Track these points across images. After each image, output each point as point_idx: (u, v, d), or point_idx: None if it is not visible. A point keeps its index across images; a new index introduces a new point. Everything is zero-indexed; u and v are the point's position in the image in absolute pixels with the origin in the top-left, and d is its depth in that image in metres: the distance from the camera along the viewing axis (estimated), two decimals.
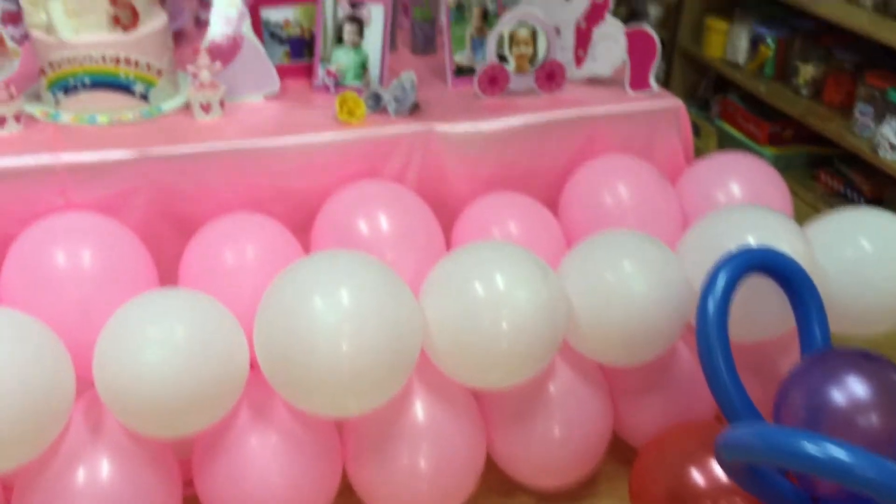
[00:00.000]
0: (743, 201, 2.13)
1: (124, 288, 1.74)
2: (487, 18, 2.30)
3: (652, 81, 2.26)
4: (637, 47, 2.25)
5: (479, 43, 2.30)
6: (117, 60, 1.97)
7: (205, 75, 2.01)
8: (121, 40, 1.96)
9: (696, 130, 2.37)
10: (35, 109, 2.01)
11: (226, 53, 2.09)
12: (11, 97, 1.92)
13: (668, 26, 3.68)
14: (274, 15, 2.21)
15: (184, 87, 2.11)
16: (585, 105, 2.22)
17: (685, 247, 2.00)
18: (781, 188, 2.20)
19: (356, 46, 2.17)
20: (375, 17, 2.14)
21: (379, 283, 1.68)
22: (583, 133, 2.19)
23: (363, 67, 2.18)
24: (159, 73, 2.04)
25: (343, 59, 2.18)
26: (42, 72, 1.99)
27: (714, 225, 1.99)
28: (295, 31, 2.25)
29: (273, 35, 2.23)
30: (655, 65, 2.24)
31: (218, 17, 2.07)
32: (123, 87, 2.00)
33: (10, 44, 1.95)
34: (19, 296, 1.73)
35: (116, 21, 1.96)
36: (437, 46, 2.51)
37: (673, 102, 2.27)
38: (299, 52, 2.26)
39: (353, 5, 2.14)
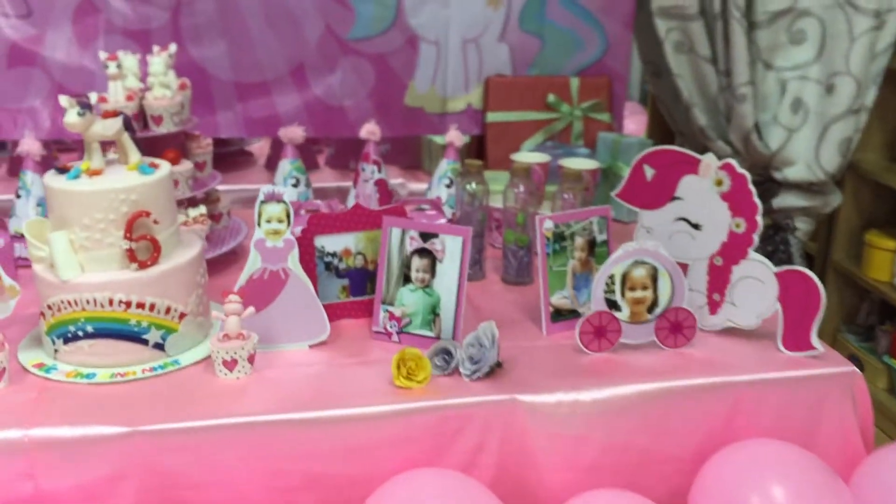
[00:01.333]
0: None
1: None
2: (594, 250, 1.84)
3: (815, 340, 1.71)
4: (793, 293, 1.72)
5: (583, 281, 1.83)
6: (128, 304, 1.59)
7: (232, 323, 1.60)
8: (134, 279, 1.60)
9: (860, 366, 1.85)
10: (29, 360, 1.64)
11: (265, 292, 1.70)
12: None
13: (819, 239, 3.13)
14: (331, 243, 1.82)
15: (217, 328, 1.72)
16: (723, 367, 1.68)
17: None
18: None
19: (426, 286, 1.73)
20: (451, 251, 1.71)
21: None
22: (720, 407, 1.65)
23: (434, 313, 1.73)
24: (181, 316, 1.66)
25: (409, 300, 1.74)
26: (42, 314, 1.64)
27: None
28: (357, 262, 1.84)
29: (329, 266, 1.83)
30: (819, 319, 1.70)
31: (259, 249, 1.69)
32: (133, 337, 1.62)
33: (6, 281, 1.62)
34: None
35: (131, 257, 1.60)
36: (533, 275, 2.05)
37: (844, 367, 1.71)
38: (361, 287, 1.85)
39: (424, 236, 1.73)
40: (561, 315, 1.82)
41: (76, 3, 2.37)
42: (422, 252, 1.73)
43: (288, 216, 1.71)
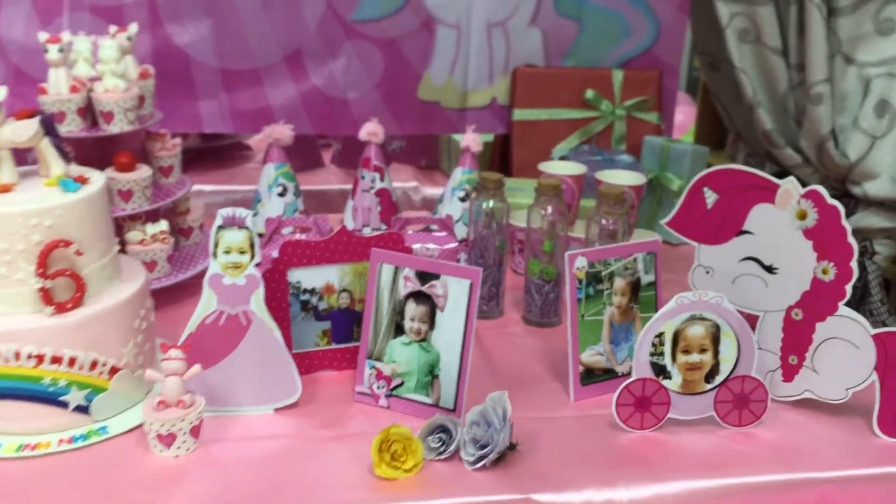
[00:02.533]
0: None
1: None
2: (638, 295, 1.47)
3: None
4: (893, 358, 1.34)
5: (623, 333, 1.45)
6: (39, 358, 1.25)
7: (171, 387, 1.26)
8: (49, 327, 1.25)
9: None
10: None
11: (221, 342, 1.35)
12: None
13: None
14: (310, 277, 1.46)
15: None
16: (800, 456, 1.31)
17: None
18: None
19: (422, 339, 1.37)
20: (455, 298, 1.34)
21: None
22: None
23: (431, 373, 1.36)
24: (113, 371, 1.31)
25: (402, 355, 1.38)
26: None
27: None
28: (341, 302, 1.48)
29: (306, 306, 1.47)
30: None
31: (214, 287, 1.34)
32: (48, 399, 1.27)
33: None
34: None
35: (46, 298, 1.25)
36: (561, 315, 1.68)
37: None
38: (345, 332, 1.49)
39: (422, 276, 1.36)
40: (594, 376, 1.45)
41: None
42: (418, 297, 1.37)
43: (252, 246, 1.36)
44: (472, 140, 1.91)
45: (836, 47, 2.15)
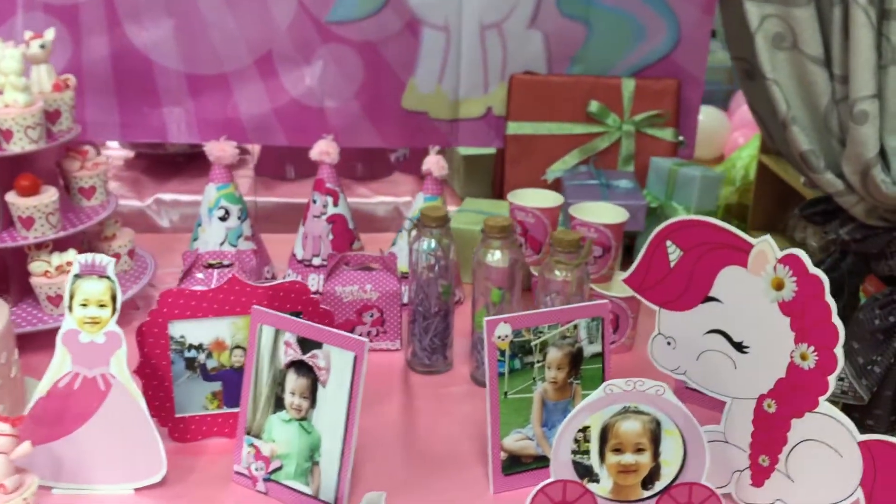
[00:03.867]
0: None
1: None
2: (579, 368, 1.21)
3: None
4: (888, 479, 1.05)
5: (559, 415, 1.20)
6: None
7: None
8: None
9: None
10: None
11: (76, 408, 1.17)
12: None
13: None
14: (195, 331, 1.26)
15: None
16: None
17: None
18: None
19: (302, 418, 1.15)
20: (338, 372, 1.12)
21: None
22: None
23: (311, 459, 1.15)
24: None
25: (281, 434, 1.17)
26: None
27: None
28: (234, 360, 1.28)
29: (192, 364, 1.27)
30: None
31: (67, 345, 1.16)
32: None
33: None
34: None
35: None
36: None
37: None
38: (237, 394, 1.29)
39: (304, 343, 1.14)
40: (520, 464, 1.21)
41: None
42: (300, 367, 1.15)
43: (114, 299, 1.17)
44: (433, 164, 1.68)
45: (890, 56, 1.81)
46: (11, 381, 1.25)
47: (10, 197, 1.47)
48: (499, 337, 1.17)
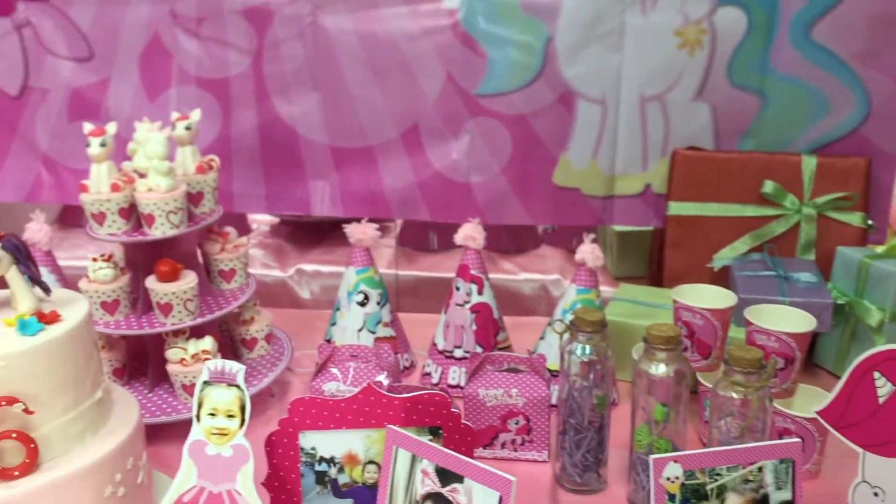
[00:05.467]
0: None
1: None
2: None
3: None
4: None
5: None
6: None
7: None
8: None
9: None
10: None
11: None
12: None
13: None
14: (327, 443, 1.16)
15: None
16: None
17: None
18: None
19: None
20: None
21: None
22: None
23: None
24: None
25: None
26: None
27: None
28: (367, 477, 1.17)
29: (322, 479, 1.17)
30: None
31: (194, 457, 1.08)
32: None
33: None
34: None
35: None
36: None
37: None
38: None
39: (443, 475, 1.01)
40: None
41: (144, 43, 1.90)
42: (437, 500, 1.02)
43: (242, 409, 1.09)
44: (587, 253, 1.52)
45: None
46: (137, 487, 1.18)
47: (150, 282, 1.43)
48: (668, 479, 1.01)
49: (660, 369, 1.23)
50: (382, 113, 1.90)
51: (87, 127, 1.43)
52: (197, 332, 1.48)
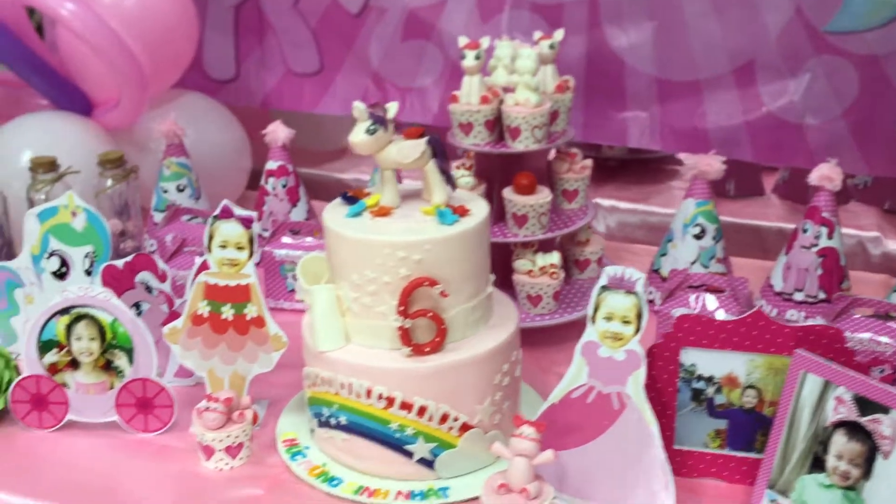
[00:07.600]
0: None
1: None
2: None
3: None
4: None
5: None
6: (390, 401, 1.14)
7: (517, 470, 1.06)
8: (403, 370, 1.13)
9: None
10: (284, 431, 1.29)
11: (585, 423, 1.12)
12: (250, 420, 1.23)
13: None
14: (709, 362, 1.15)
15: None
16: None
17: None
18: None
19: (849, 486, 1.00)
20: None
21: None
22: None
23: None
24: (464, 428, 1.16)
25: (816, 499, 1.03)
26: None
27: None
28: (745, 400, 1.16)
29: (699, 396, 1.17)
30: None
31: (587, 357, 1.11)
32: (394, 444, 1.16)
33: (271, 328, 1.27)
34: None
35: (404, 338, 1.13)
36: None
37: None
38: (745, 438, 1.17)
39: (863, 403, 0.98)
40: None
41: None
42: (853, 430, 1.00)
43: (639, 317, 1.11)
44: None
45: None
46: (514, 380, 1.24)
47: (507, 193, 1.48)
48: None
49: None
50: (717, 46, 1.84)
51: (463, 40, 1.49)
52: (543, 247, 1.52)
